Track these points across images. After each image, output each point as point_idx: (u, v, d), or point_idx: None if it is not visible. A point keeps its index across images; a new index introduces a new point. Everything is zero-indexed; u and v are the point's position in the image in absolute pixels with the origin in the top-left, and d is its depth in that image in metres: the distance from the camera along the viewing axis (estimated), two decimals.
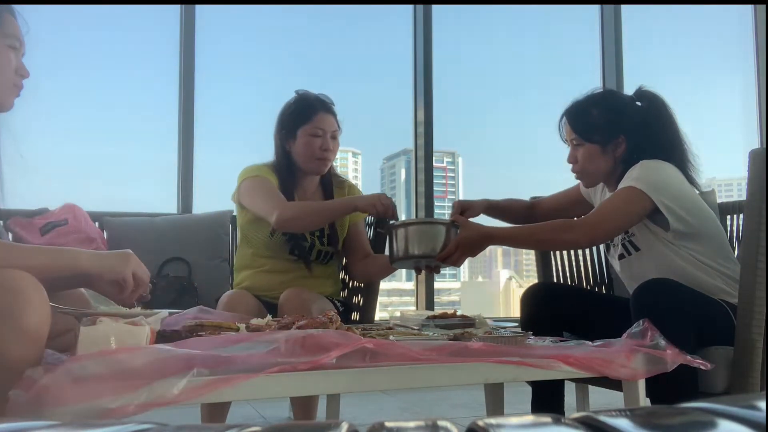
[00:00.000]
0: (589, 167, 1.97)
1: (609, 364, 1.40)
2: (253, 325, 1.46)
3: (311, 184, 2.30)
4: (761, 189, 1.59)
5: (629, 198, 1.80)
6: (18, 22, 1.37)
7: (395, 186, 9.57)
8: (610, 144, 1.93)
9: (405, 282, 5.20)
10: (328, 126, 2.22)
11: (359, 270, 2.36)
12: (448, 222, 1.92)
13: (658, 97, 1.97)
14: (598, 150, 1.94)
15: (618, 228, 1.86)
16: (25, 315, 1.07)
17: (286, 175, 2.24)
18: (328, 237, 2.25)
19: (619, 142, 1.93)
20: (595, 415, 0.36)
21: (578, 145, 1.97)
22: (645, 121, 1.95)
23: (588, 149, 1.95)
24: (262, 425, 0.38)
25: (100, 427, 0.38)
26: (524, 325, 1.92)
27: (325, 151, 2.21)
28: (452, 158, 7.63)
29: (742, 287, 1.64)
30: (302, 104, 2.24)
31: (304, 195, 2.28)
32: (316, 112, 2.21)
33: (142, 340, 1.18)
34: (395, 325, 1.80)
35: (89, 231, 2.47)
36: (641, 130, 1.93)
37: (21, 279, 1.11)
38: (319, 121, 2.21)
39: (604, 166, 1.96)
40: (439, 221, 1.97)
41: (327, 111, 2.23)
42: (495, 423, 0.36)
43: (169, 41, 3.40)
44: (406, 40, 3.83)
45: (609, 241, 2.00)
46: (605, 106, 1.96)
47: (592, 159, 1.95)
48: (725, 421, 0.33)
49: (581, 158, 1.97)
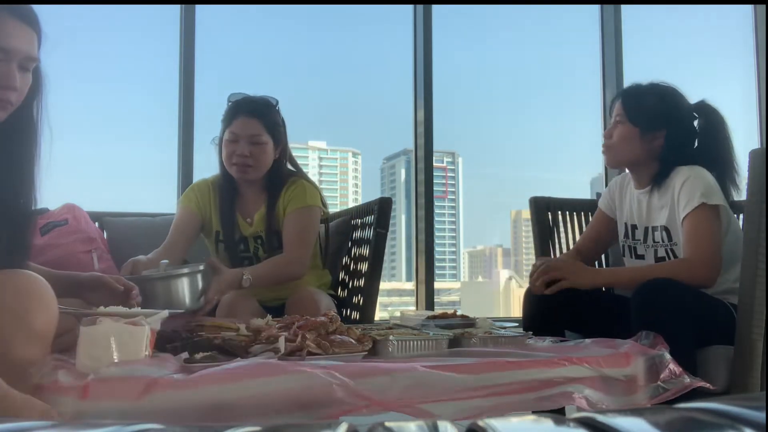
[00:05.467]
0: (619, 146, 1.98)
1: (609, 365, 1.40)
2: (253, 326, 1.46)
3: (251, 190, 2.22)
4: (761, 189, 1.59)
5: (712, 217, 1.81)
6: (9, 27, 1.20)
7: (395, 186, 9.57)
8: (649, 133, 1.95)
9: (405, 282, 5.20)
10: (244, 130, 2.11)
11: None
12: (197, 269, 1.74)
13: (718, 113, 1.99)
14: (636, 133, 1.96)
15: (720, 249, 1.82)
16: (35, 315, 1.10)
17: (225, 186, 2.20)
18: (269, 242, 2.19)
19: (657, 135, 1.94)
20: (595, 415, 0.36)
21: (620, 122, 1.99)
22: (694, 130, 1.97)
23: (626, 129, 1.97)
24: (262, 425, 0.38)
25: (101, 427, 0.38)
26: (526, 323, 1.92)
27: (241, 157, 2.10)
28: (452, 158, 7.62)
29: (742, 287, 1.64)
30: (228, 108, 2.19)
31: (246, 203, 2.23)
32: (235, 116, 2.13)
33: (142, 340, 1.18)
34: (395, 325, 1.80)
35: (89, 231, 2.47)
36: (686, 134, 1.96)
37: (33, 280, 1.14)
38: (235, 125, 2.12)
39: (634, 152, 1.97)
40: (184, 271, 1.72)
41: (248, 114, 2.12)
42: (495, 423, 0.36)
43: (169, 41, 3.40)
44: (406, 41, 3.82)
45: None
46: (661, 97, 1.98)
47: (627, 140, 1.97)
48: (725, 421, 0.33)
49: (617, 135, 1.99)
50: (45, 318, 1.12)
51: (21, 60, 1.23)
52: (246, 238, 2.22)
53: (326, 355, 1.29)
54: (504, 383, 1.27)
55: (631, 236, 2.06)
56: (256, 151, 2.12)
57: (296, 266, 2.08)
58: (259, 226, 2.20)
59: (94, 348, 1.13)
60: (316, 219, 2.20)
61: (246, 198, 2.23)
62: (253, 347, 1.30)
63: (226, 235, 2.21)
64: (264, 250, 2.20)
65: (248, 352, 1.28)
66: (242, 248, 2.22)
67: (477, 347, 1.51)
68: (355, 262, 2.46)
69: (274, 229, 2.19)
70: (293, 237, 2.13)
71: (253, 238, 2.21)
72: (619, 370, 1.39)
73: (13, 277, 1.13)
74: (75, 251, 2.37)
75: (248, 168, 2.12)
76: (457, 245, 9.04)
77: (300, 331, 1.36)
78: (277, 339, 1.31)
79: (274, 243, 2.19)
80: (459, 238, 8.67)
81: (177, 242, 2.14)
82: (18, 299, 1.09)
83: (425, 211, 3.64)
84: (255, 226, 2.21)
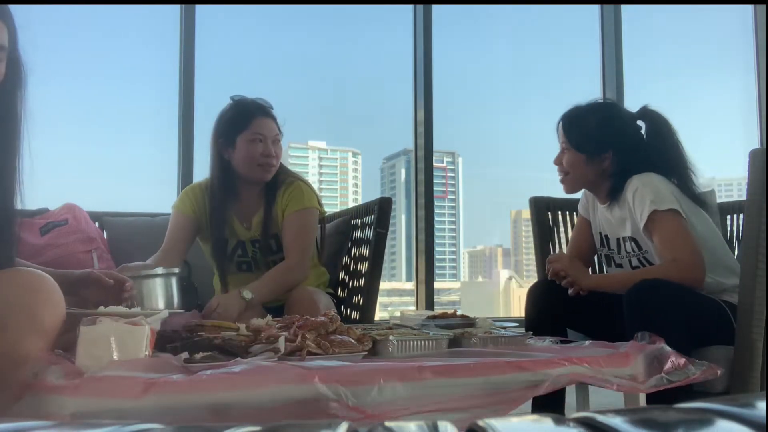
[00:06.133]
0: (572, 174, 1.99)
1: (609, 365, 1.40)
2: (253, 326, 1.46)
3: (251, 193, 2.21)
4: (761, 189, 1.59)
5: (669, 219, 1.80)
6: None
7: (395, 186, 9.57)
8: (596, 156, 1.95)
9: (405, 282, 5.20)
10: (268, 131, 2.13)
11: None
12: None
13: (661, 116, 1.99)
14: (583, 159, 1.96)
15: (696, 244, 1.81)
16: (42, 313, 1.12)
17: (222, 190, 2.18)
18: (267, 246, 2.19)
19: (605, 157, 1.95)
20: (595, 415, 0.36)
21: (566, 149, 1.99)
22: (641, 139, 1.97)
23: (574, 156, 1.97)
24: (262, 425, 0.38)
25: (100, 427, 0.38)
26: (529, 321, 1.93)
27: (268, 157, 2.12)
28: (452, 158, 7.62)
29: (742, 287, 1.64)
30: (239, 110, 2.16)
31: (244, 206, 2.22)
32: (253, 118, 2.12)
33: (143, 340, 1.18)
34: (395, 325, 1.80)
35: (89, 231, 2.48)
36: (634, 148, 1.95)
37: (40, 279, 1.15)
38: (258, 126, 2.11)
39: (587, 177, 1.98)
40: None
41: (265, 115, 2.14)
42: (495, 423, 0.36)
43: (169, 41, 3.40)
44: (406, 41, 3.83)
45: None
46: (601, 119, 1.98)
47: (576, 166, 1.98)
48: (725, 421, 0.33)
49: (566, 163, 1.99)
50: (52, 315, 1.14)
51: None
52: (243, 243, 2.21)
53: (326, 355, 1.29)
54: (504, 383, 1.27)
55: (606, 246, 2.07)
56: (278, 151, 2.16)
57: (298, 272, 2.09)
58: (257, 230, 2.20)
59: (94, 348, 1.13)
60: (315, 221, 2.21)
61: (244, 202, 2.22)
62: (253, 347, 1.30)
63: (218, 240, 2.20)
64: (262, 254, 2.20)
65: (248, 352, 1.28)
66: (240, 253, 2.21)
67: (477, 347, 1.51)
68: (355, 262, 2.46)
69: (272, 232, 2.18)
70: (293, 241, 2.13)
71: (251, 242, 2.21)
72: (620, 370, 1.39)
73: (22, 274, 1.15)
74: (75, 251, 2.37)
75: (272, 168, 2.15)
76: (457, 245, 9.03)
77: (300, 331, 1.36)
78: (277, 339, 1.31)
79: (273, 246, 2.19)
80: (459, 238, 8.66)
81: (173, 248, 2.15)
82: (27, 296, 1.11)
83: (425, 211, 3.64)
84: (253, 230, 2.20)
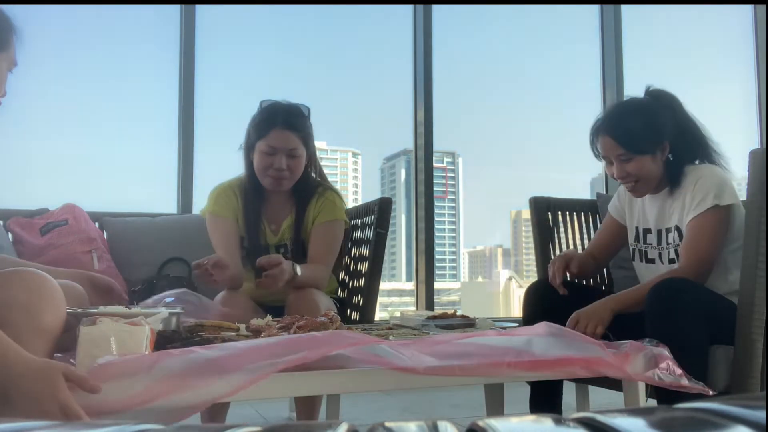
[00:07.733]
0: (644, 178, 1.94)
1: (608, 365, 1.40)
2: (253, 326, 1.46)
3: (279, 199, 2.21)
4: (761, 189, 1.59)
5: (719, 219, 1.81)
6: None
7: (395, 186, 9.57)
8: (658, 151, 1.92)
9: (405, 282, 5.20)
10: (282, 143, 2.08)
11: None
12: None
13: (673, 95, 1.97)
14: (650, 160, 1.92)
15: (713, 255, 1.83)
16: (43, 313, 1.13)
17: (252, 192, 2.18)
18: (295, 252, 2.18)
19: (664, 147, 1.93)
20: (595, 415, 0.36)
21: (627, 159, 1.92)
22: (675, 120, 1.95)
23: (640, 161, 1.91)
24: (262, 425, 0.38)
25: (100, 427, 0.38)
26: (526, 320, 1.92)
27: (278, 170, 2.09)
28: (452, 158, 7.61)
29: (742, 287, 1.64)
30: (262, 117, 2.13)
31: (272, 211, 2.21)
32: (271, 128, 2.09)
33: (142, 340, 1.19)
34: (395, 325, 1.80)
35: (89, 231, 2.47)
36: (680, 129, 1.94)
37: (42, 279, 1.17)
38: (273, 138, 2.08)
39: (656, 174, 1.94)
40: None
41: (285, 127, 2.09)
42: (495, 423, 0.36)
43: (169, 41, 3.40)
44: (406, 40, 3.83)
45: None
46: (642, 115, 1.94)
47: (646, 169, 1.92)
48: (725, 421, 0.33)
49: (635, 171, 1.92)
50: (54, 315, 1.15)
51: None
52: (268, 246, 2.21)
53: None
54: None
55: (643, 240, 2.05)
56: (293, 164, 2.11)
57: (326, 279, 2.14)
58: (285, 235, 2.20)
59: (94, 348, 1.13)
60: (342, 233, 2.23)
61: (273, 206, 2.22)
62: None
63: (251, 241, 2.20)
64: (287, 259, 2.20)
65: None
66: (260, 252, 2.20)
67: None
68: (355, 262, 2.46)
69: (301, 239, 2.19)
70: (322, 250, 2.14)
71: (275, 246, 2.21)
72: (620, 370, 1.39)
73: (23, 275, 1.16)
74: (75, 251, 2.37)
75: (283, 180, 2.12)
76: (457, 245, 9.02)
77: (300, 331, 1.36)
78: None
79: (299, 252, 2.18)
80: (459, 238, 8.65)
81: (233, 254, 2.10)
82: (29, 296, 1.12)
83: (425, 211, 3.64)
84: (281, 235, 2.21)
